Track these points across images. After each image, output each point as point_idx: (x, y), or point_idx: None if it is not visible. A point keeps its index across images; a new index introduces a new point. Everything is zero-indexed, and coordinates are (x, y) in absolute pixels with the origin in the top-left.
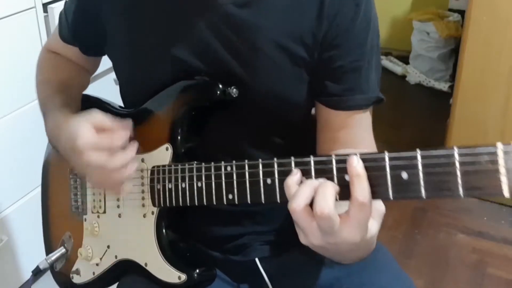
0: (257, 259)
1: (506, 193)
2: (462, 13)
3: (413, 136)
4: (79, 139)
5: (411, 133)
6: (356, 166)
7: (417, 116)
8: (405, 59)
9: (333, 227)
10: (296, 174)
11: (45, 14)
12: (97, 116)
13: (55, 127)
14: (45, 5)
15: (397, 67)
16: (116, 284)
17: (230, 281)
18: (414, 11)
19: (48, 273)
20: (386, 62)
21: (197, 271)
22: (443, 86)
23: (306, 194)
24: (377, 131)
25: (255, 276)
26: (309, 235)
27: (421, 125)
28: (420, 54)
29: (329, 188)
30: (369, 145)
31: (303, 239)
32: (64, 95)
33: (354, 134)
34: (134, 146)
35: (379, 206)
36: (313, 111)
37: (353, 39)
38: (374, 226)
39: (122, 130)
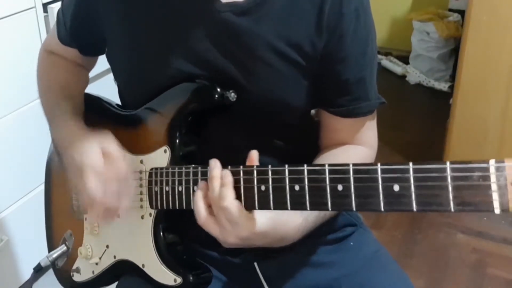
0: (255, 263)
1: (497, 210)
2: (462, 13)
3: (413, 136)
4: (88, 162)
5: (411, 133)
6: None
7: (417, 116)
8: (405, 59)
9: (229, 226)
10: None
11: (45, 14)
12: (110, 145)
13: (66, 136)
14: (45, 5)
15: (397, 67)
16: (115, 283)
17: (228, 282)
18: (414, 11)
19: (49, 274)
20: (386, 62)
21: (193, 274)
22: (443, 86)
23: (202, 207)
24: (377, 131)
25: (253, 278)
26: (223, 237)
27: (421, 125)
28: (420, 54)
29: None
30: (372, 142)
31: (223, 243)
32: (71, 100)
33: (359, 135)
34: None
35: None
36: (312, 111)
37: (357, 51)
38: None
39: (125, 164)
